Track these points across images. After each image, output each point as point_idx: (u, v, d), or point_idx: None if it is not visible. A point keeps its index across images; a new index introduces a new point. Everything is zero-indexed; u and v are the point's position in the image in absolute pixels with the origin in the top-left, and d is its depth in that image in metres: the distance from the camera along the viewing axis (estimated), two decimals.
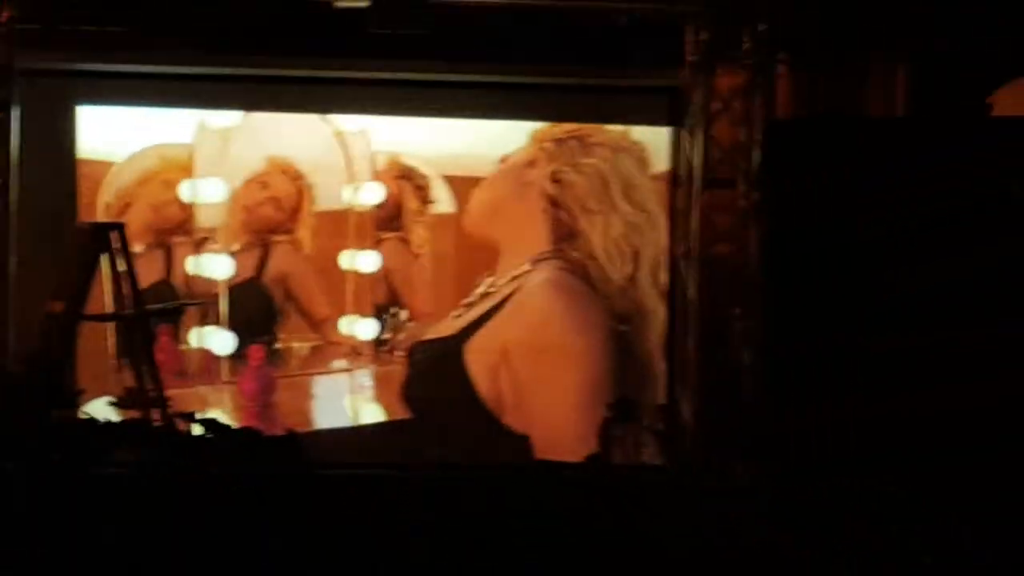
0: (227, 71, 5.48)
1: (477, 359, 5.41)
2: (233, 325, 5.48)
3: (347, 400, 5.65)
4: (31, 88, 5.27)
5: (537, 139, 5.48)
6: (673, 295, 5.24)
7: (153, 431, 4.14)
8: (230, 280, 5.51)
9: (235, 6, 5.19)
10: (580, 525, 3.59)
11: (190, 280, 5.51)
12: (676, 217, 5.30)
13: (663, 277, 5.43)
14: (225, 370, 5.49)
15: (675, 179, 5.33)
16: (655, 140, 5.62)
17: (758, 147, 4.90)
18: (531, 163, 5.44)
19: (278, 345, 5.57)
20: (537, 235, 5.45)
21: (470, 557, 3.20)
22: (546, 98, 5.59)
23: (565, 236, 5.46)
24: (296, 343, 5.62)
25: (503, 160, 5.50)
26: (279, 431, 4.00)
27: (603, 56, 5.27)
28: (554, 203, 5.41)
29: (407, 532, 3.31)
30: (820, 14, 5.13)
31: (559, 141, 5.45)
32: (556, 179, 5.41)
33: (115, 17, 5.36)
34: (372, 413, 5.61)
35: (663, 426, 4.72)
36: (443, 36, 4.95)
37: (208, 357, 5.47)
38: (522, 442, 5.37)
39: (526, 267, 5.44)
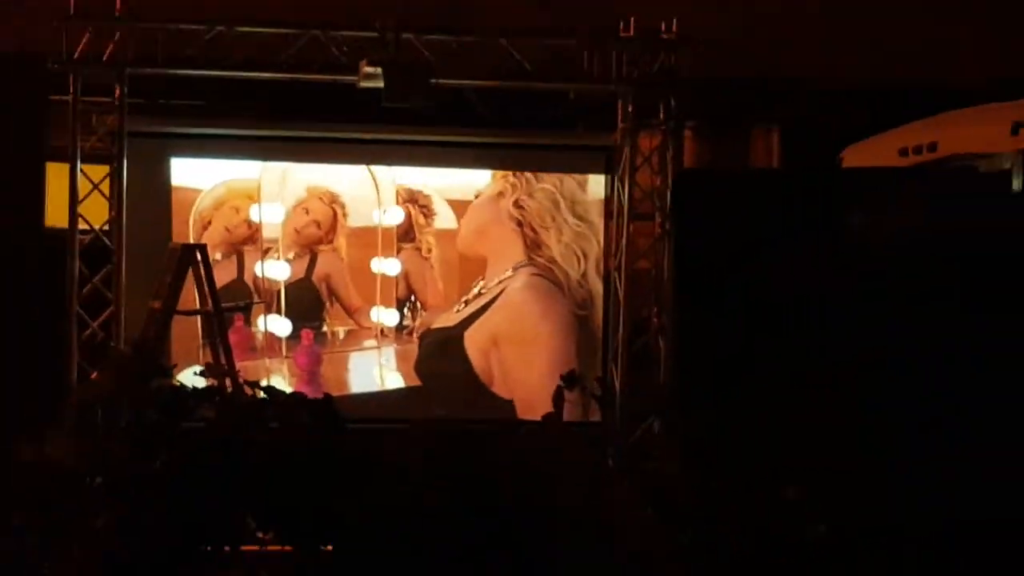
0: (280, 132, 6.05)
1: (473, 343, 6.03)
2: (289, 314, 6.09)
3: (375, 371, 6.23)
4: (137, 145, 5.74)
5: (499, 175, 6.04)
6: (607, 297, 5.81)
7: (226, 395, 4.69)
8: (287, 280, 6.13)
9: (285, 86, 5.65)
10: (537, 465, 4.09)
11: (257, 280, 6.10)
12: (609, 240, 5.86)
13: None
14: (283, 348, 6.08)
15: (608, 212, 5.90)
16: None
17: (669, 190, 5.46)
18: (500, 195, 5.99)
19: (324, 329, 6.13)
20: (513, 248, 6.05)
21: (461, 489, 3.77)
22: (514, 154, 6.12)
23: (532, 246, 6.02)
24: (337, 327, 6.18)
25: (477, 195, 6.04)
26: (321, 395, 4.56)
27: (557, 123, 5.93)
28: (519, 223, 5.99)
29: (418, 471, 3.89)
30: (716, 93, 5.77)
31: (518, 175, 6.01)
32: (518, 205, 5.97)
33: (197, 92, 5.95)
34: (394, 381, 6.22)
35: (600, 392, 5.31)
36: (439, 107, 5.41)
37: (271, 338, 6.06)
38: (507, 405, 6.05)
39: (509, 273, 6.06)
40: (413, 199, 6.23)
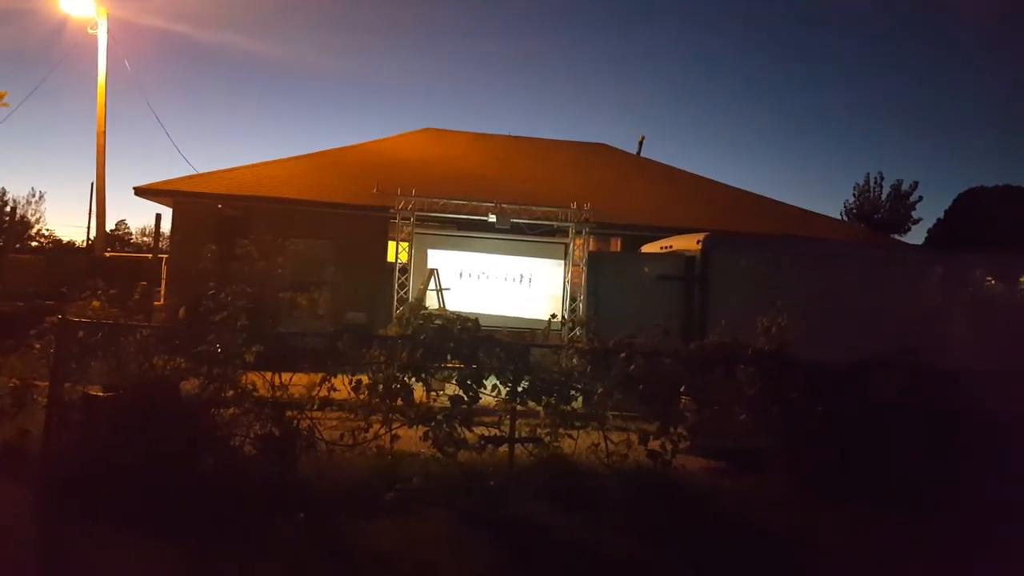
0: (462, 234, 15.15)
1: None
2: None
3: None
4: (417, 238, 13.74)
5: None
6: (565, 297, 15.37)
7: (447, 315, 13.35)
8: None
9: (469, 220, 14.65)
10: None
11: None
12: (565, 273, 15.36)
13: None
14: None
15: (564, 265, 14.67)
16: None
17: (586, 259, 14.95)
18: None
19: None
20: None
21: None
22: (534, 246, 14.48)
23: None
24: None
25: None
26: None
27: (550, 233, 14.74)
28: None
29: None
30: (602, 229, 15.30)
31: None
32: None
33: (437, 220, 14.82)
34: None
35: None
36: (514, 229, 14.46)
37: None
38: None
39: None
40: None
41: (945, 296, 12.98)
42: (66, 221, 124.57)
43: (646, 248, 14.61)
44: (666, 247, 13.88)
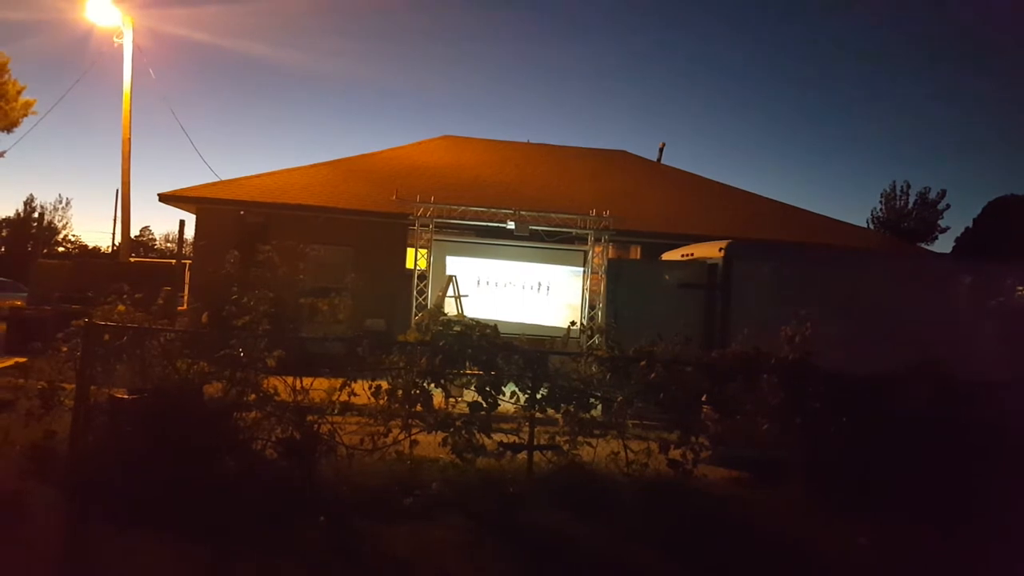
0: (479, 241, 15.12)
1: None
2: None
3: None
4: (436, 245, 14.07)
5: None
6: (584, 302, 15.35)
7: (464, 321, 13.44)
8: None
9: (486, 227, 15.01)
10: None
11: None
12: (584, 281, 15.36)
13: None
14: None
15: (583, 272, 14.86)
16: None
17: (605, 267, 14.88)
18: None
19: None
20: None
21: None
22: (552, 254, 14.66)
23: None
24: None
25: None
26: None
27: (569, 240, 14.94)
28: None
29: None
30: (622, 236, 15.19)
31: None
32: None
33: (455, 228, 14.94)
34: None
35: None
36: (532, 235, 14.67)
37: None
38: None
39: None
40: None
41: (974, 306, 12.78)
42: (92, 227, 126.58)
43: (667, 256, 14.50)
44: (687, 255, 13.80)
